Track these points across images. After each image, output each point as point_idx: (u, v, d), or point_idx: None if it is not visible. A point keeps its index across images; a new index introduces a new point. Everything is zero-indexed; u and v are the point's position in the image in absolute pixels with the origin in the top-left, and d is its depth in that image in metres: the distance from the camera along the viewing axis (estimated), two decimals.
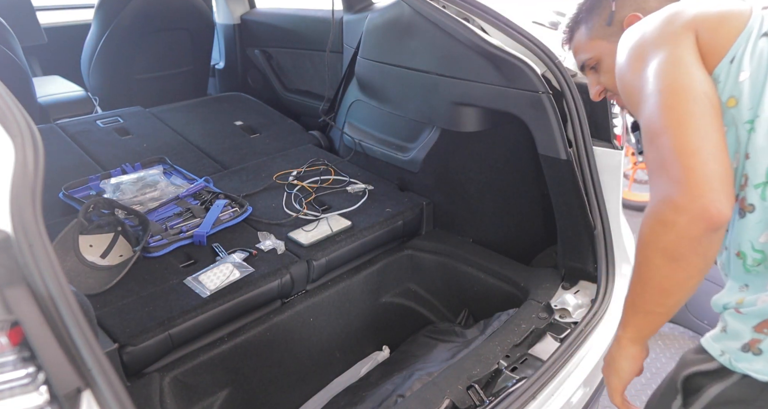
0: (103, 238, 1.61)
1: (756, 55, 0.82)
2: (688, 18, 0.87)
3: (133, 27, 2.61)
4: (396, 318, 1.87)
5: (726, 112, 0.83)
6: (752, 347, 0.84)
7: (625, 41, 0.95)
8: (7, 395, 0.64)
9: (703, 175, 0.76)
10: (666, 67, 0.84)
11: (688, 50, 0.85)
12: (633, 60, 0.90)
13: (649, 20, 0.93)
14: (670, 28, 0.88)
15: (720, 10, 0.88)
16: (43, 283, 0.70)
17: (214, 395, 1.47)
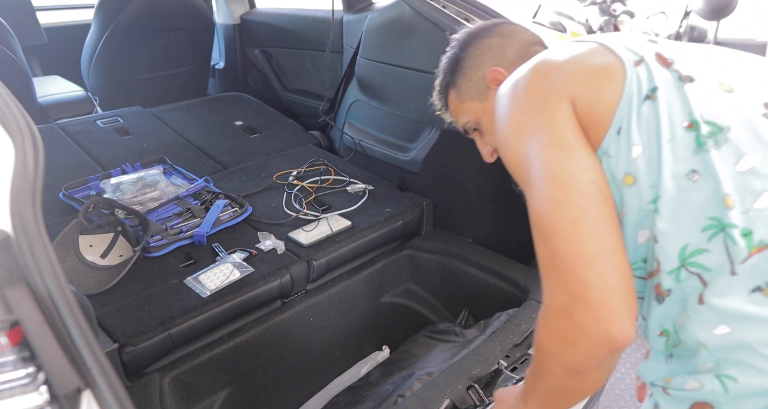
0: (103, 238, 1.61)
1: (643, 125, 0.75)
2: (561, 84, 0.80)
3: (133, 27, 2.61)
4: (396, 318, 1.87)
5: (625, 190, 0.76)
6: None
7: (500, 109, 0.87)
8: (7, 395, 0.64)
9: (603, 292, 0.69)
10: (548, 152, 0.76)
11: (569, 127, 0.78)
12: (512, 135, 0.83)
13: (519, 84, 0.85)
14: (544, 99, 0.80)
15: (592, 70, 0.80)
16: (43, 283, 0.70)
17: (214, 395, 1.48)
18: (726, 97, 0.75)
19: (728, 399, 0.71)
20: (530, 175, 0.78)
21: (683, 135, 0.73)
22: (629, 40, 0.84)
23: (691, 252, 0.72)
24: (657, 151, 0.74)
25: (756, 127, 0.72)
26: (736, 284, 0.69)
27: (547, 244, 0.74)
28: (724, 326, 0.70)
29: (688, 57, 0.81)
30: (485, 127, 1.11)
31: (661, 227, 0.74)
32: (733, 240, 0.69)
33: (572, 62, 0.82)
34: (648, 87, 0.76)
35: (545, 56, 0.86)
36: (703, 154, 0.72)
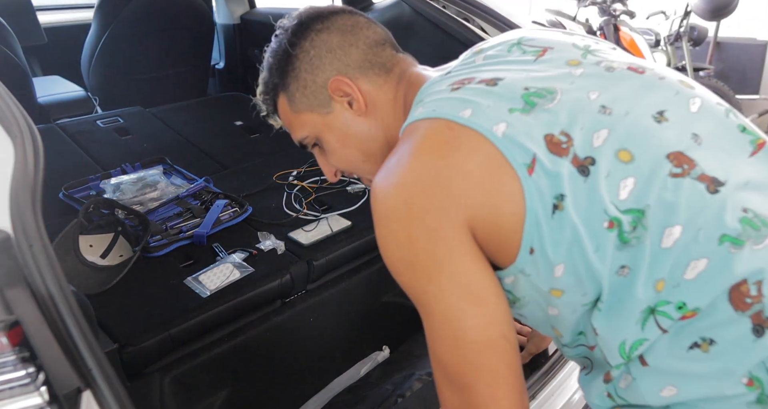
0: (103, 238, 1.61)
1: (560, 242, 0.68)
2: (452, 209, 0.69)
3: (133, 27, 2.61)
4: (396, 318, 1.87)
5: (553, 299, 0.73)
6: None
7: (387, 226, 0.73)
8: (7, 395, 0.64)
9: None
10: (456, 304, 0.70)
11: (472, 270, 0.70)
12: (406, 267, 0.72)
13: (401, 202, 0.71)
14: (437, 230, 0.69)
15: (484, 188, 0.69)
16: (43, 283, 0.70)
17: (214, 395, 1.47)
18: (632, 170, 0.68)
19: None
20: (432, 317, 0.72)
21: (604, 237, 0.67)
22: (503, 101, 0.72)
23: (630, 346, 0.70)
24: (585, 266, 0.68)
25: (670, 192, 0.67)
26: (668, 342, 0.68)
27: (460, 396, 0.71)
28: (671, 388, 0.69)
29: (575, 118, 0.70)
30: (328, 145, 0.97)
31: (599, 325, 0.71)
32: (665, 313, 0.67)
33: (460, 177, 0.70)
34: (551, 196, 0.68)
35: (424, 160, 0.72)
36: (630, 249, 0.67)
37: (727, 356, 0.65)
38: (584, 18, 4.52)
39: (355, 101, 0.89)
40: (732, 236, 0.65)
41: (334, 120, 0.91)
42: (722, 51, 4.65)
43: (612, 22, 4.06)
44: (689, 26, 4.22)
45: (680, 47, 4.22)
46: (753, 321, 0.63)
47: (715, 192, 0.67)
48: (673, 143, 0.69)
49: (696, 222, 0.66)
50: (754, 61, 4.55)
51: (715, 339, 0.65)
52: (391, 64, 0.89)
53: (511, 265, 0.71)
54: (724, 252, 0.65)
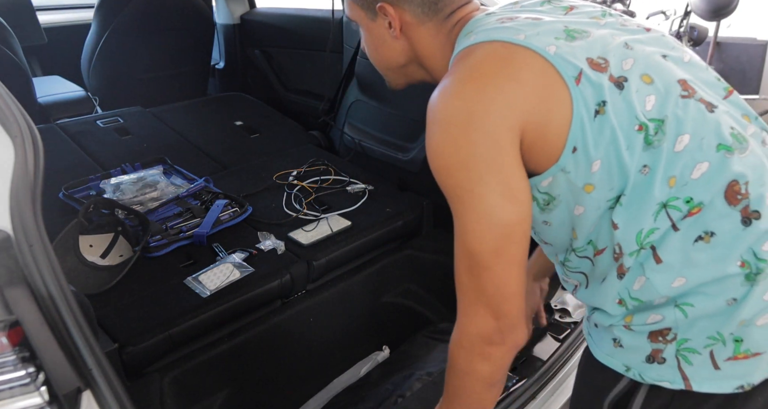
0: (103, 238, 1.61)
1: (600, 140, 0.81)
2: (509, 113, 0.80)
3: (133, 27, 2.61)
4: (396, 318, 1.87)
5: (584, 196, 0.85)
6: (656, 358, 0.88)
7: (444, 128, 0.84)
8: (8, 395, 0.65)
9: (517, 315, 0.85)
10: (497, 200, 0.81)
11: (517, 173, 0.82)
12: (458, 167, 0.82)
13: (462, 107, 0.82)
14: (493, 132, 0.80)
15: (538, 94, 0.81)
16: (43, 283, 0.70)
17: (214, 395, 1.47)
18: (653, 89, 0.83)
19: (686, 323, 0.85)
20: (472, 211, 0.82)
21: (635, 137, 0.81)
22: (549, 33, 0.85)
23: (646, 234, 0.83)
24: (617, 161, 0.81)
25: (680, 109, 0.83)
26: (680, 238, 0.82)
27: (477, 279, 0.84)
28: (681, 278, 0.83)
29: (607, 49, 0.85)
30: (365, 40, 1.07)
31: (620, 219, 0.84)
32: (676, 207, 0.82)
33: (516, 85, 0.81)
34: (594, 102, 0.81)
35: (484, 71, 0.83)
36: (651, 150, 0.81)
37: (724, 245, 0.81)
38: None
39: (394, 28, 0.99)
40: (726, 145, 0.82)
41: (375, 28, 1.01)
42: (722, 51, 4.65)
43: None
44: (689, 26, 4.22)
45: None
46: (742, 214, 0.81)
47: (711, 112, 0.84)
48: (679, 74, 0.87)
49: (699, 133, 0.82)
50: (754, 61, 4.54)
51: (715, 231, 0.81)
52: (444, 3, 0.97)
53: (552, 165, 0.83)
54: (721, 157, 0.81)
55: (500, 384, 0.92)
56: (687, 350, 0.86)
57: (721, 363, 0.85)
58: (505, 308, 0.84)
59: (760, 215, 0.81)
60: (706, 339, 0.85)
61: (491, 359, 0.87)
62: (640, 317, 0.89)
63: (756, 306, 0.83)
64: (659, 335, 0.88)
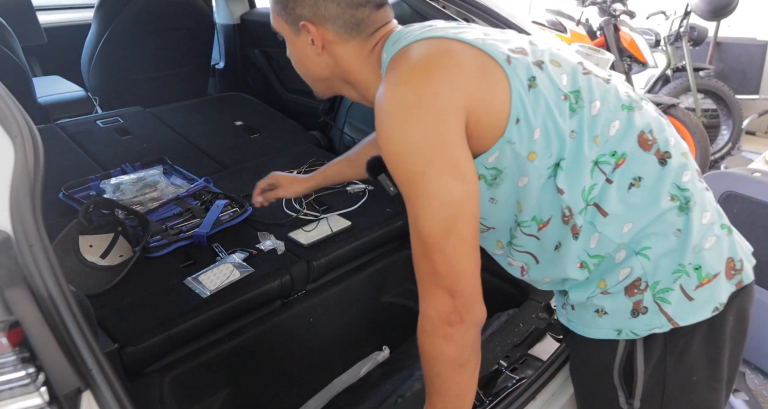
0: (103, 238, 1.61)
1: (537, 110, 0.91)
2: (455, 94, 0.87)
3: (133, 27, 2.61)
4: (396, 318, 1.87)
5: (528, 165, 0.93)
6: (639, 309, 0.97)
7: (393, 117, 0.87)
8: (7, 396, 0.65)
9: (472, 294, 0.89)
10: (446, 180, 0.85)
11: (463, 152, 0.88)
12: (410, 151, 0.86)
13: (411, 93, 0.86)
14: (440, 113, 0.86)
15: (478, 73, 0.90)
16: (43, 283, 0.70)
17: (214, 395, 1.48)
18: (562, 70, 0.97)
19: (651, 266, 0.95)
20: (424, 194, 0.86)
21: (563, 106, 0.93)
22: (472, 32, 0.96)
23: (588, 191, 0.94)
24: (555, 128, 0.92)
25: (586, 82, 0.97)
26: (615, 188, 0.95)
27: (432, 260, 0.88)
28: (628, 224, 0.95)
29: (520, 43, 0.98)
30: (289, 52, 1.10)
31: (564, 183, 0.94)
32: (606, 162, 0.95)
33: (457, 68, 0.89)
34: (526, 77, 0.92)
35: (425, 59, 0.90)
36: (575, 116, 0.94)
37: (652, 185, 0.96)
38: (584, 18, 4.51)
39: (315, 45, 1.03)
40: (627, 105, 0.98)
41: (298, 43, 1.05)
42: (722, 51, 4.65)
43: (612, 22, 4.06)
44: (689, 26, 4.22)
45: (680, 47, 4.22)
46: (657, 156, 0.97)
47: (608, 82, 1.01)
48: (575, 58, 1.03)
49: (606, 98, 0.97)
50: (754, 61, 4.54)
51: (641, 176, 0.95)
52: (366, 24, 1.01)
53: (499, 139, 0.91)
54: (627, 115, 0.97)
55: (471, 365, 0.95)
56: (661, 291, 0.96)
57: (692, 293, 0.96)
58: (460, 286, 0.88)
59: (670, 154, 0.97)
60: (673, 275, 0.95)
61: (453, 339, 0.90)
62: (611, 277, 0.98)
63: (700, 230, 0.96)
64: (634, 288, 0.97)
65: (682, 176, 0.97)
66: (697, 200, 0.97)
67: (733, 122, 4.18)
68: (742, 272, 1.00)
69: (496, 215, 1.01)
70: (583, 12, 4.41)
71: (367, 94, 1.07)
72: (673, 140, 1.00)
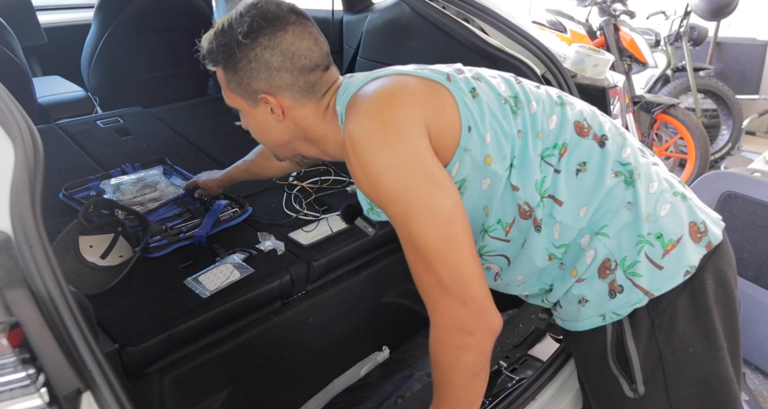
0: (103, 238, 1.61)
1: (483, 117, 0.98)
2: (413, 113, 0.94)
3: (133, 27, 2.61)
4: (396, 318, 1.87)
5: (486, 168, 0.98)
6: (615, 289, 1.00)
7: (366, 146, 0.93)
8: (8, 396, 0.65)
9: (483, 299, 0.91)
10: (426, 189, 0.90)
11: (433, 160, 0.93)
12: (387, 170, 0.91)
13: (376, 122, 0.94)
14: (406, 131, 0.92)
15: (426, 94, 0.98)
16: (43, 284, 0.70)
17: (214, 395, 1.48)
18: (498, 81, 1.06)
19: (613, 243, 0.99)
20: (411, 208, 0.89)
21: (505, 109, 1.01)
22: (410, 67, 1.05)
23: (540, 183, 1.00)
24: (501, 130, 0.99)
25: (521, 88, 1.07)
26: (564, 177, 1.01)
27: (435, 271, 0.89)
28: (583, 207, 1.01)
29: (457, 67, 1.07)
30: (248, 125, 1.21)
31: (518, 180, 1.00)
32: (550, 154, 1.01)
33: (409, 93, 0.98)
34: (468, 89, 1.00)
35: (379, 93, 0.97)
36: (518, 117, 1.02)
37: (596, 167, 1.02)
38: (584, 18, 4.51)
39: (276, 113, 1.09)
40: (559, 102, 1.07)
41: (257, 114, 1.12)
42: (722, 51, 4.65)
43: (612, 22, 4.05)
44: (689, 26, 4.22)
45: (680, 47, 4.22)
46: (595, 140, 1.04)
47: (538, 88, 1.10)
48: (507, 73, 1.12)
49: (540, 99, 1.06)
50: (754, 61, 4.54)
51: (585, 160, 1.02)
52: (319, 85, 1.08)
53: (456, 149, 0.96)
54: (560, 110, 1.06)
55: (485, 372, 0.96)
56: (630, 266, 0.99)
57: (660, 262, 0.99)
58: (469, 291, 0.89)
59: (607, 136, 1.05)
60: (636, 247, 0.99)
61: (471, 348, 0.91)
62: (581, 264, 1.02)
63: (649, 199, 1.01)
64: (605, 269, 1.00)
65: (621, 153, 1.04)
66: (642, 173, 1.03)
67: (733, 122, 4.19)
68: (707, 233, 1.02)
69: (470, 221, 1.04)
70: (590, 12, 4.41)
71: (327, 148, 1.15)
72: (608, 124, 1.08)
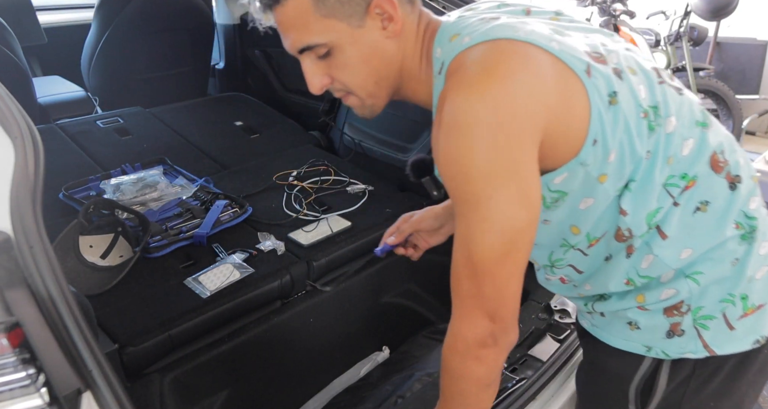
0: (103, 238, 1.61)
1: (616, 131, 0.82)
2: (534, 111, 0.77)
3: (133, 27, 2.60)
4: (396, 318, 1.87)
5: (598, 186, 0.85)
6: (676, 331, 0.92)
7: (463, 133, 0.77)
8: (8, 396, 0.65)
9: (512, 318, 0.85)
10: (513, 209, 0.78)
11: (534, 180, 0.80)
12: (481, 177, 0.77)
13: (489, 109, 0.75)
14: (519, 135, 0.76)
15: (558, 88, 0.79)
16: (43, 284, 0.70)
17: (214, 395, 1.47)
18: (639, 79, 0.87)
19: (699, 291, 0.89)
20: (484, 220, 0.79)
21: (642, 124, 0.84)
22: (541, 31, 0.83)
23: (652, 214, 0.87)
24: (630, 149, 0.83)
25: (662, 94, 0.88)
26: (680, 212, 0.87)
27: (479, 284, 0.82)
28: (687, 249, 0.88)
29: (593, 45, 0.87)
30: (345, 58, 0.88)
31: (629, 204, 0.86)
32: (674, 184, 0.87)
33: (538, 82, 0.78)
34: (607, 93, 0.82)
35: (503, 69, 0.78)
36: (653, 136, 0.85)
37: (719, 211, 0.88)
38: (584, 18, 4.51)
39: (393, 23, 0.87)
40: (701, 122, 0.90)
41: (363, 36, 0.86)
42: (722, 51, 4.65)
43: (612, 22, 4.05)
44: (689, 26, 4.22)
45: (680, 47, 4.22)
46: (727, 180, 0.89)
47: (681, 94, 0.91)
48: (647, 63, 0.92)
49: (680, 114, 0.88)
50: (754, 61, 4.55)
51: (709, 200, 0.88)
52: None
53: (571, 160, 0.82)
54: (701, 133, 0.89)
55: (495, 384, 0.93)
56: (703, 318, 0.90)
57: (734, 323, 0.90)
58: (503, 312, 0.84)
59: (740, 178, 0.90)
60: (719, 303, 0.89)
61: (485, 361, 0.87)
62: (653, 295, 0.91)
63: (757, 262, 0.90)
64: (674, 310, 0.91)
65: (749, 203, 0.90)
66: (761, 229, 0.91)
67: (733, 122, 4.18)
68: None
69: (545, 235, 0.95)
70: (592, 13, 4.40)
71: (419, 90, 0.93)
72: (742, 161, 0.92)
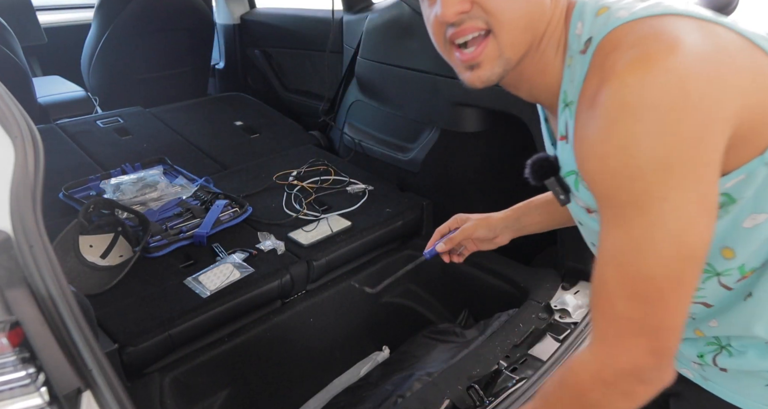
0: (103, 238, 1.61)
1: None
2: (726, 98, 0.63)
3: (133, 27, 2.61)
4: (396, 318, 1.87)
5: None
6: None
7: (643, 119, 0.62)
8: (8, 396, 0.65)
9: (674, 351, 0.71)
10: (690, 217, 0.64)
11: (715, 182, 0.66)
12: (655, 170, 0.63)
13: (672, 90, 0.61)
14: (705, 125, 0.62)
15: (753, 61, 0.66)
16: (43, 284, 0.70)
17: (214, 395, 1.47)
18: None
19: None
20: (657, 228, 0.65)
21: None
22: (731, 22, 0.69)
23: None
24: None
25: None
26: None
27: (643, 309, 0.68)
28: None
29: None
30: None
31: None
32: None
33: (731, 62, 0.64)
34: None
35: (689, 43, 0.63)
36: None
37: None
38: None
39: None
40: None
41: None
42: None
43: None
44: None
45: None
46: None
47: None
48: None
49: None
50: None
51: None
52: None
53: (754, 159, 0.67)
54: None
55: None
56: None
57: None
58: (668, 344, 0.70)
59: None
60: None
61: (635, 399, 0.72)
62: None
63: None
64: None
65: None
66: None
67: None
68: None
69: None
70: None
71: (545, 73, 0.80)
72: None
